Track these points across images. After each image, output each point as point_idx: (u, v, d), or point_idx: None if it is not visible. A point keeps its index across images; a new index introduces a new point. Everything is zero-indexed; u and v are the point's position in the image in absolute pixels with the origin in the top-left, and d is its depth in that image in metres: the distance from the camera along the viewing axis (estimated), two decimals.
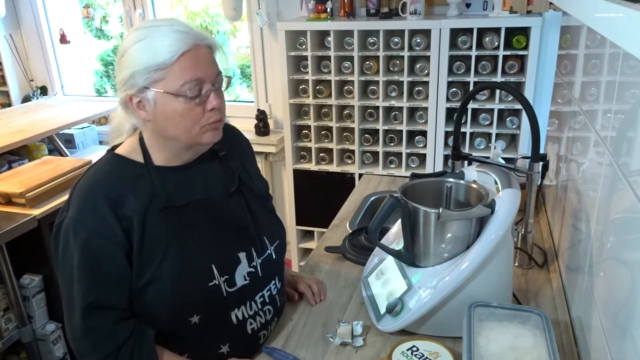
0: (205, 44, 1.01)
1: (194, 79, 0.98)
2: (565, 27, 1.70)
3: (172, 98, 0.98)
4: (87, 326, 0.99)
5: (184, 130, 1.02)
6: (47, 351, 2.18)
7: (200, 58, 0.99)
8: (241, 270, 1.10)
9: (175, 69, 0.97)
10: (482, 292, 1.06)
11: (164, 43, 0.96)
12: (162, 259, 1.01)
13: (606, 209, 0.91)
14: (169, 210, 1.04)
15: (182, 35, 0.97)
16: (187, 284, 1.02)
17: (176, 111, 0.99)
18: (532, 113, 1.21)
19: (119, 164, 1.06)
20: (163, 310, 1.02)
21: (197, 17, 3.96)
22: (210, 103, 1.01)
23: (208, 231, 1.08)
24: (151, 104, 1.00)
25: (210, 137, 1.04)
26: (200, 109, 1.01)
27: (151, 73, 0.97)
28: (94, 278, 0.99)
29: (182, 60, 0.97)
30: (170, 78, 0.97)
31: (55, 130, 2.75)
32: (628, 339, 0.73)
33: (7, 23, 3.37)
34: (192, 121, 1.01)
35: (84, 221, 0.98)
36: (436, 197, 1.20)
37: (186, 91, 0.98)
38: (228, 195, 1.13)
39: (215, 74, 1.02)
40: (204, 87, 1.00)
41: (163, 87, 0.98)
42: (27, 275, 2.14)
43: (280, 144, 2.89)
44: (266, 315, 1.16)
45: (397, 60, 2.44)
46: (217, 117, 1.03)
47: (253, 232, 1.15)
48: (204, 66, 1.00)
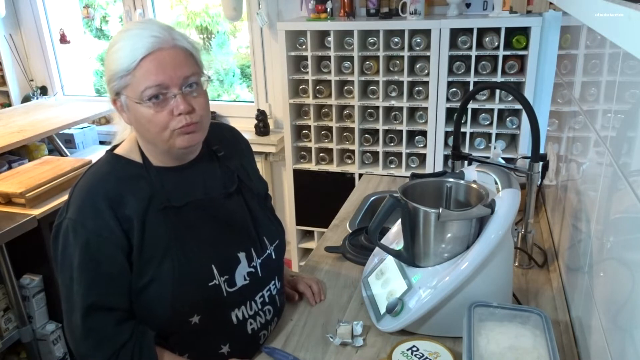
0: (172, 46, 0.97)
1: (156, 84, 0.95)
2: (565, 27, 1.70)
3: (138, 103, 0.97)
4: (87, 327, 0.99)
5: (154, 135, 1.00)
6: (47, 351, 2.18)
7: (163, 62, 0.96)
8: (241, 270, 1.10)
9: (137, 74, 0.95)
10: (482, 292, 1.06)
11: (127, 49, 0.95)
12: (162, 259, 1.01)
13: (606, 209, 0.91)
14: (168, 211, 1.03)
15: (144, 39, 0.95)
16: (187, 284, 1.02)
17: (143, 116, 0.98)
18: (532, 113, 1.21)
19: (118, 164, 1.06)
20: (163, 310, 1.02)
21: (197, 17, 3.96)
22: (177, 108, 0.97)
23: (208, 231, 1.08)
24: (125, 109, 1.00)
25: (183, 141, 1.01)
26: (167, 114, 0.98)
27: (119, 79, 0.97)
28: (94, 279, 0.99)
29: (143, 65, 0.95)
30: (133, 84, 0.96)
31: (55, 130, 2.75)
32: (628, 339, 0.73)
33: (7, 23, 3.37)
34: (160, 126, 0.98)
35: (83, 222, 0.98)
36: (436, 197, 1.20)
37: (147, 96, 0.96)
38: (227, 195, 1.13)
39: (184, 77, 0.98)
40: (169, 92, 0.97)
41: (128, 93, 0.97)
42: (27, 275, 2.14)
43: (280, 144, 2.89)
44: (266, 315, 1.16)
45: (397, 60, 2.44)
46: (187, 121, 0.99)
47: (253, 232, 1.15)
48: (167, 69, 0.96)
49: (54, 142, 2.98)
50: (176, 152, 1.05)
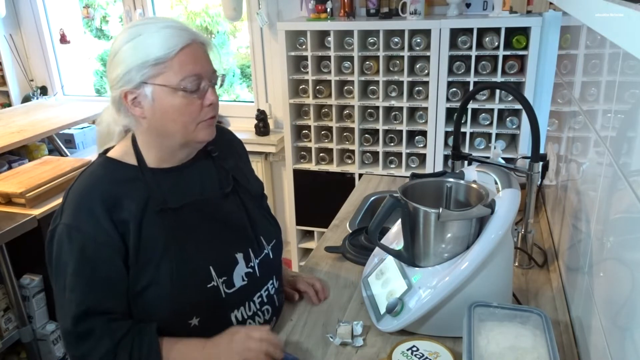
0: (200, 41, 1.02)
1: (194, 74, 0.99)
2: (565, 27, 1.70)
3: (170, 92, 0.98)
4: (81, 331, 0.98)
5: (181, 125, 1.02)
6: (47, 351, 2.18)
7: (197, 54, 1.01)
8: (239, 271, 1.10)
9: (175, 63, 0.98)
10: (482, 292, 1.06)
11: (162, 38, 0.97)
12: (159, 261, 1.01)
13: (606, 209, 0.91)
14: (165, 213, 1.03)
15: (179, 31, 0.99)
16: (185, 286, 1.02)
17: (174, 106, 0.99)
18: (532, 113, 1.21)
19: (112, 167, 1.05)
20: (162, 312, 1.02)
21: (197, 17, 3.96)
22: (207, 99, 1.02)
23: (205, 232, 1.08)
24: (148, 99, 0.99)
25: (206, 135, 1.05)
26: (198, 105, 1.01)
27: (149, 68, 0.97)
28: (90, 284, 0.98)
29: (182, 55, 0.98)
30: (169, 72, 0.98)
31: (55, 130, 2.75)
32: (628, 339, 0.73)
33: (7, 23, 3.37)
34: (190, 116, 1.01)
35: (79, 227, 0.98)
36: (436, 197, 1.20)
37: (186, 85, 0.98)
38: (224, 196, 1.13)
39: (212, 71, 1.03)
40: (202, 83, 1.01)
41: (162, 81, 0.98)
42: (27, 275, 2.14)
43: (280, 144, 2.89)
44: (265, 315, 1.16)
45: (397, 60, 2.44)
46: (212, 113, 1.04)
47: (250, 232, 1.14)
48: (202, 62, 1.01)
49: (54, 142, 2.99)
50: (191, 147, 1.08)
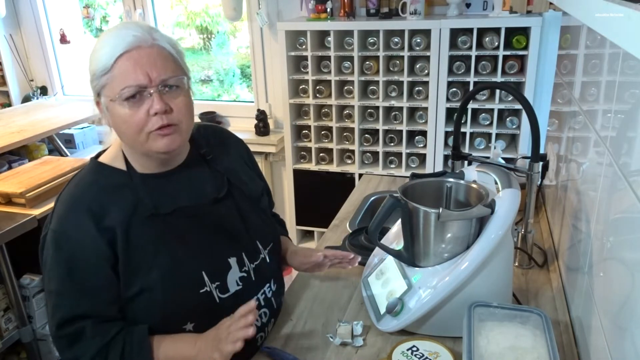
0: (150, 45, 0.96)
1: (135, 83, 0.93)
2: (565, 27, 1.70)
3: (114, 104, 0.96)
4: (71, 333, 0.98)
5: (130, 137, 0.98)
6: (47, 351, 2.18)
7: (140, 60, 0.94)
8: (232, 275, 1.08)
9: (115, 73, 0.94)
10: (482, 292, 1.06)
11: (107, 48, 0.94)
12: (150, 268, 1.00)
13: (606, 209, 0.91)
14: (155, 218, 1.02)
15: (122, 38, 0.94)
16: (177, 292, 1.01)
17: (120, 117, 0.96)
18: (532, 113, 1.20)
19: (101, 173, 1.04)
20: (155, 318, 1.01)
21: (197, 17, 3.96)
22: (152, 107, 0.95)
23: (196, 238, 1.06)
24: (105, 110, 0.99)
25: (161, 146, 0.98)
26: (143, 114, 0.95)
27: (98, 79, 0.96)
28: (79, 292, 0.98)
29: (120, 63, 0.93)
30: (111, 83, 0.95)
31: (55, 130, 2.75)
32: (628, 339, 0.73)
33: (7, 23, 3.38)
34: (135, 128, 0.96)
35: (66, 234, 0.98)
36: (436, 197, 1.20)
37: (123, 95, 0.93)
38: (217, 200, 1.11)
39: (161, 77, 0.95)
40: (145, 91, 0.95)
41: (107, 92, 0.96)
42: (27, 275, 2.13)
43: (280, 144, 2.89)
44: (262, 318, 1.15)
45: (397, 60, 2.44)
46: (162, 122, 0.96)
47: (244, 236, 1.13)
48: (145, 68, 0.94)
49: (54, 142, 2.99)
50: (156, 157, 1.02)
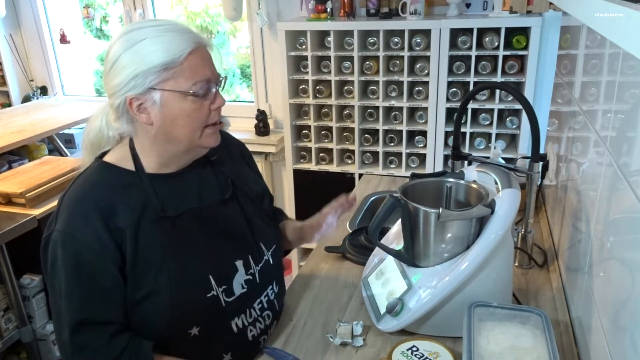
0: (208, 45, 1.01)
1: (204, 78, 0.98)
2: (565, 27, 1.70)
3: (181, 97, 0.96)
4: (77, 344, 0.95)
5: (189, 131, 1.00)
6: (47, 351, 2.18)
7: (205, 57, 1.00)
8: (238, 278, 1.08)
9: (185, 67, 0.96)
10: (482, 292, 1.06)
11: (166, 42, 0.94)
12: (158, 271, 0.98)
13: (606, 209, 0.91)
14: (163, 221, 1.00)
15: (183, 34, 0.97)
16: (185, 297, 1.00)
17: (184, 111, 0.98)
18: (532, 113, 1.20)
19: (108, 172, 1.02)
20: (161, 323, 1.00)
21: (197, 17, 3.96)
22: (216, 102, 1.01)
23: (204, 241, 1.05)
24: (157, 105, 0.96)
25: (211, 141, 1.04)
26: (207, 109, 1.00)
27: (157, 74, 0.94)
28: (85, 294, 0.95)
29: (191, 59, 0.96)
30: (180, 77, 0.96)
31: (55, 130, 2.75)
32: (628, 339, 0.73)
33: (7, 23, 3.37)
34: (198, 121, 1.00)
35: (74, 234, 0.94)
36: (436, 197, 1.20)
37: (197, 90, 0.97)
38: (223, 203, 1.11)
39: (218, 75, 1.02)
40: (211, 86, 1.00)
41: (172, 86, 0.96)
42: (27, 275, 2.14)
43: (280, 144, 2.89)
44: (265, 320, 1.14)
45: (397, 60, 2.44)
46: (219, 117, 1.03)
47: (250, 238, 1.13)
48: (210, 65, 1.00)
49: (54, 142, 2.99)
50: (195, 153, 1.07)
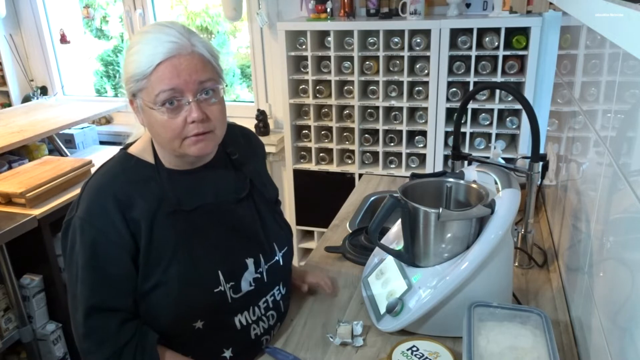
0: (190, 52, 0.95)
1: (170, 88, 0.94)
2: (565, 27, 1.70)
3: (151, 108, 0.97)
4: (88, 327, 0.99)
5: (166, 141, 1.00)
6: (47, 351, 2.18)
7: (179, 67, 0.94)
8: (247, 276, 1.09)
9: (152, 79, 0.94)
10: (482, 292, 1.06)
11: (145, 53, 0.94)
12: (169, 263, 1.01)
13: (606, 209, 0.91)
14: (177, 215, 1.03)
15: (162, 44, 0.94)
16: (192, 290, 1.02)
17: (157, 121, 0.97)
18: (532, 113, 1.20)
19: (130, 164, 1.05)
20: (167, 314, 1.02)
21: (197, 17, 3.95)
22: (190, 115, 0.96)
23: (216, 237, 1.07)
24: (140, 111, 1.00)
25: (195, 150, 1.00)
26: (180, 121, 0.97)
27: (134, 83, 0.96)
28: (98, 280, 0.99)
29: (159, 70, 0.94)
30: (148, 88, 0.95)
31: (55, 130, 2.75)
32: (628, 339, 0.73)
33: (7, 23, 3.37)
34: (172, 133, 0.97)
35: (91, 221, 0.98)
36: (436, 197, 1.20)
37: (161, 101, 0.95)
38: (239, 201, 1.12)
39: (199, 82, 0.96)
40: (183, 98, 0.96)
41: (144, 96, 0.97)
42: (27, 275, 2.13)
43: (280, 144, 2.89)
44: (269, 320, 1.15)
45: (397, 60, 2.44)
46: (199, 130, 0.97)
47: (262, 238, 1.14)
48: (183, 75, 0.94)
49: (54, 142, 2.98)
50: (190, 158, 1.05)
